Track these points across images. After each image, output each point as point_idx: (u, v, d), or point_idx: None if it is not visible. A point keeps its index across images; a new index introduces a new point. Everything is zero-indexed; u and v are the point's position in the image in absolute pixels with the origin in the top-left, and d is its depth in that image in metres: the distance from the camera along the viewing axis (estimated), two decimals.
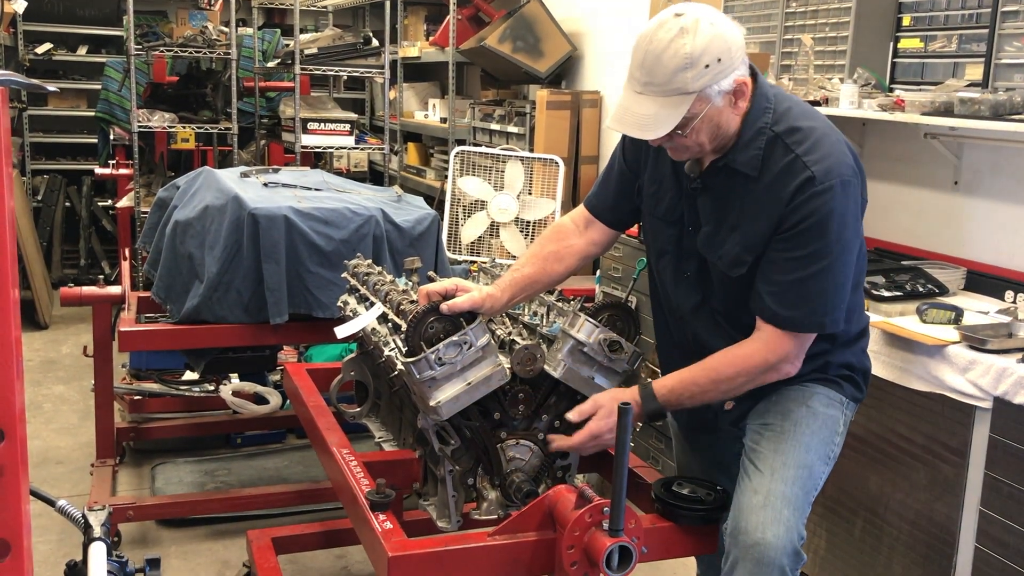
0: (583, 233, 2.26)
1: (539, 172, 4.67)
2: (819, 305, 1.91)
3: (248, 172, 3.81)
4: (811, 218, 1.86)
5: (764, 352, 1.95)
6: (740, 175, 1.95)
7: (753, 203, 1.93)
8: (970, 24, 3.05)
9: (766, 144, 1.92)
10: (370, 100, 8.33)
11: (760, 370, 1.97)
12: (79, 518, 1.82)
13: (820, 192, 1.85)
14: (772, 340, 1.94)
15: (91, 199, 7.32)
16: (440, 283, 2.11)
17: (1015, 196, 3.05)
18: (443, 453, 2.10)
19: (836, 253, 1.89)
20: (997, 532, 2.47)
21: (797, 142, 1.90)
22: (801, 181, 1.86)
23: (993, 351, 2.51)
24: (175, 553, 3.35)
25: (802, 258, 1.88)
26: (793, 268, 1.89)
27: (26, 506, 1.21)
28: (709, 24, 1.82)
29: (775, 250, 1.91)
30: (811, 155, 1.88)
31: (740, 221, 1.95)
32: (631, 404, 1.76)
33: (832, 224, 1.86)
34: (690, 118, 1.86)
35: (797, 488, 1.95)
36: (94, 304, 3.49)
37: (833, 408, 2.07)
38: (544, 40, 5.38)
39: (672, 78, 1.82)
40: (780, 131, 1.92)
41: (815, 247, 1.87)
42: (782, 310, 1.92)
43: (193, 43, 5.54)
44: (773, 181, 1.90)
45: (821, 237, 1.87)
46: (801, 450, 1.99)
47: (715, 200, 2.00)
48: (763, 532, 1.88)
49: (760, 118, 1.93)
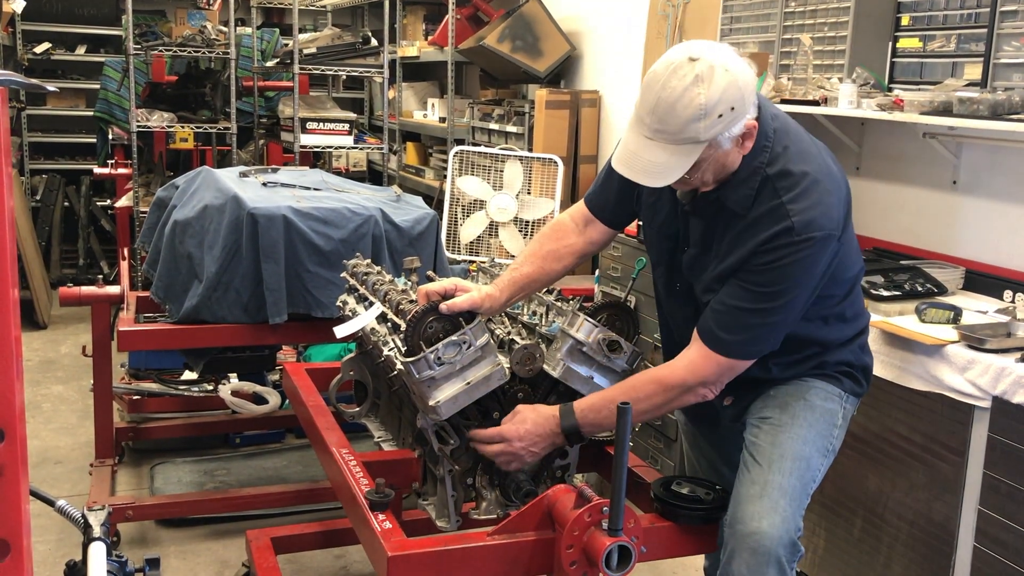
0: (582, 232, 2.27)
1: (538, 172, 4.67)
2: (754, 338, 1.94)
3: (247, 172, 3.81)
4: (778, 263, 1.87)
5: (684, 372, 1.98)
6: (728, 210, 1.95)
7: (735, 237, 1.94)
8: (969, 24, 3.05)
9: (759, 184, 1.91)
10: (369, 100, 8.33)
11: (678, 390, 1.99)
12: (78, 518, 1.82)
13: (795, 243, 1.86)
14: (697, 360, 1.97)
15: (90, 199, 7.31)
16: (439, 283, 2.11)
17: (1014, 196, 3.05)
18: (442, 453, 2.10)
19: (791, 299, 1.90)
20: (996, 531, 2.47)
21: (786, 188, 1.89)
22: (780, 229, 1.87)
23: (992, 351, 2.51)
24: (174, 553, 3.35)
25: (756, 292, 1.90)
26: (743, 297, 1.91)
27: (26, 506, 1.21)
28: (724, 71, 1.78)
29: (736, 276, 1.93)
30: (795, 204, 1.87)
31: (720, 251, 1.97)
32: (629, 404, 1.76)
33: (795, 273, 1.88)
34: (699, 163, 1.85)
35: (794, 479, 1.96)
36: (93, 304, 3.48)
37: (831, 401, 2.08)
38: (543, 40, 5.38)
39: (685, 128, 1.79)
40: (772, 173, 1.91)
41: (772, 289, 1.89)
42: (719, 331, 1.94)
43: (192, 43, 5.53)
44: (755, 221, 1.91)
45: (781, 281, 1.88)
46: (798, 442, 2.01)
47: (704, 226, 2.02)
48: (759, 522, 1.90)
49: (757, 157, 1.91)
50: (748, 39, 3.80)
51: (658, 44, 4.51)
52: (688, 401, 2.02)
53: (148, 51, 5.47)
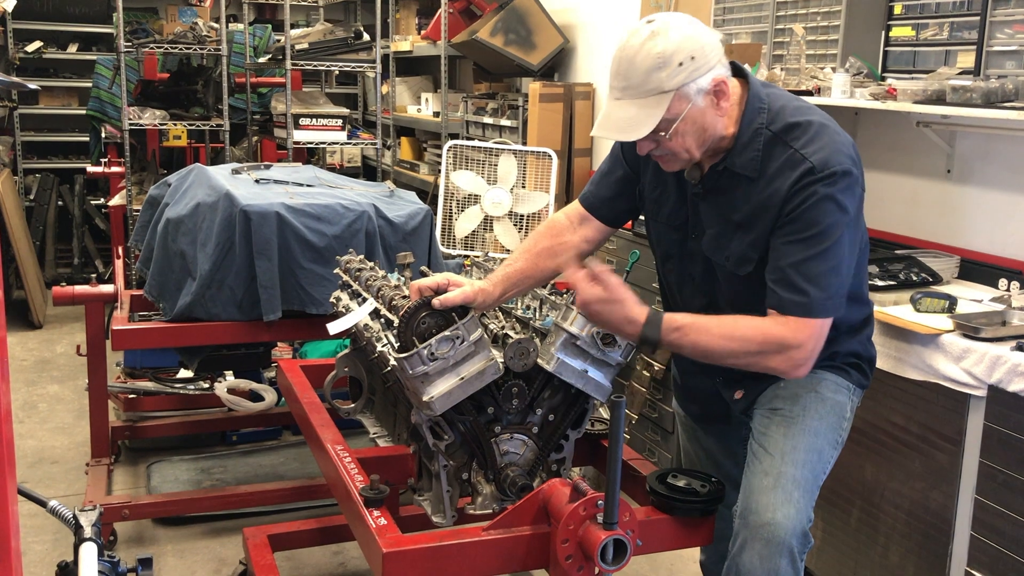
0: (577, 229, 2.26)
1: (532, 165, 4.66)
2: (824, 287, 1.90)
3: (240, 169, 3.79)
4: (808, 203, 1.88)
5: (785, 331, 1.90)
6: (741, 177, 1.96)
7: (756, 202, 1.94)
8: (961, 12, 3.04)
9: (764, 145, 1.94)
10: (362, 95, 8.31)
11: (775, 345, 1.90)
12: (70, 518, 1.82)
13: (819, 180, 1.87)
14: (789, 326, 1.90)
15: (83, 197, 7.30)
16: (432, 278, 2.10)
17: (1008, 184, 3.05)
18: (437, 448, 2.09)
19: (834, 238, 1.89)
20: (992, 520, 2.47)
21: (795, 138, 1.92)
22: (801, 172, 1.88)
23: (987, 339, 2.51)
24: (171, 551, 3.35)
25: (802, 240, 1.89)
26: (794, 251, 1.90)
27: (14, 507, 1.20)
28: (678, 26, 1.87)
29: (777, 238, 1.93)
30: (808, 147, 1.90)
31: (745, 221, 1.97)
32: (624, 399, 1.76)
33: (829, 209, 1.88)
34: (671, 119, 1.87)
35: (807, 471, 1.97)
36: (87, 303, 3.47)
37: (840, 394, 2.09)
38: (536, 33, 5.36)
39: (647, 79, 1.85)
40: (777, 130, 1.94)
41: (813, 231, 1.88)
42: (792, 295, 1.91)
43: (183, 39, 5.51)
44: (774, 177, 1.92)
45: (819, 222, 1.88)
46: (810, 435, 2.01)
47: (718, 204, 2.01)
48: (773, 513, 1.90)
49: (755, 119, 1.95)
50: (741, 29, 3.79)
51: None
52: (774, 363, 1.92)
53: (140, 49, 5.44)
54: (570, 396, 2.19)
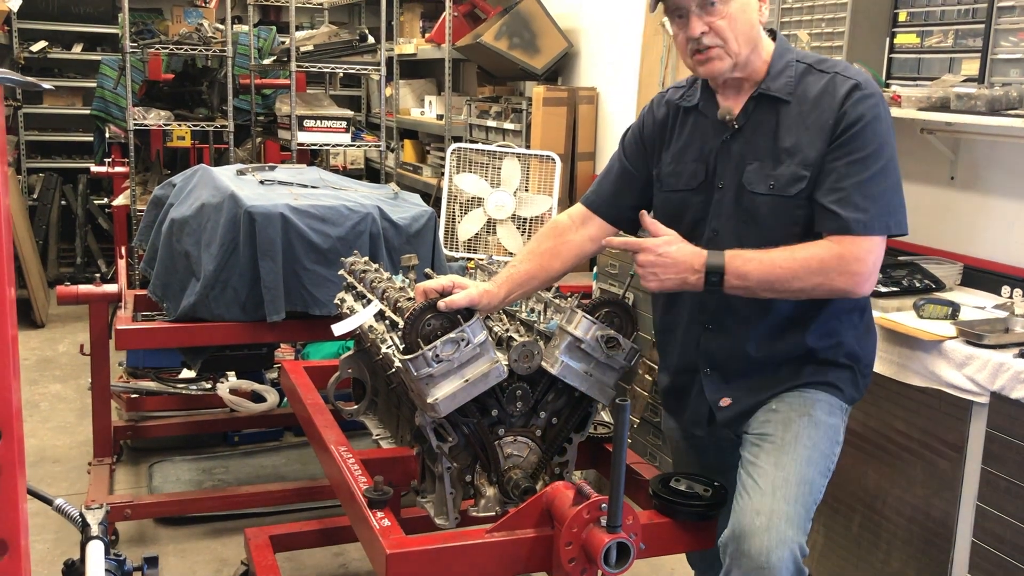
0: (580, 230, 2.26)
1: (536, 169, 4.67)
2: (884, 205, 1.94)
3: (244, 170, 3.80)
4: (863, 120, 1.94)
5: (840, 249, 1.91)
6: (779, 104, 2.02)
7: (800, 124, 1.99)
8: (966, 19, 3.05)
9: (798, 74, 2.02)
10: (366, 97, 8.32)
11: (836, 265, 1.90)
12: (76, 517, 1.82)
13: (867, 96, 1.95)
14: (846, 244, 1.91)
15: (87, 197, 7.31)
16: (437, 280, 2.11)
17: (1012, 191, 3.06)
18: (441, 450, 2.10)
19: (889, 155, 1.96)
20: (994, 527, 2.47)
21: (829, 67, 2.02)
22: (848, 88, 1.96)
23: (990, 346, 2.51)
24: (173, 551, 3.35)
25: (861, 159, 1.94)
26: (854, 171, 1.94)
27: (23, 505, 1.21)
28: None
29: (832, 159, 1.95)
30: (847, 72, 1.99)
31: (792, 145, 1.99)
32: (628, 402, 1.76)
33: (882, 127, 1.96)
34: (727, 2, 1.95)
35: (799, 506, 1.90)
36: (90, 302, 3.48)
37: (834, 416, 2.04)
38: (540, 36, 5.37)
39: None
40: (809, 62, 2.04)
41: (871, 149, 1.94)
42: (850, 213, 1.91)
43: (189, 40, 5.52)
44: (818, 98, 1.99)
45: (875, 139, 1.94)
46: (802, 464, 1.94)
47: (757, 135, 2.04)
48: (767, 557, 1.83)
49: (786, 54, 2.05)
50: None
51: (655, 41, 4.51)
52: (838, 284, 1.91)
53: (145, 49, 5.46)
54: (574, 399, 2.20)
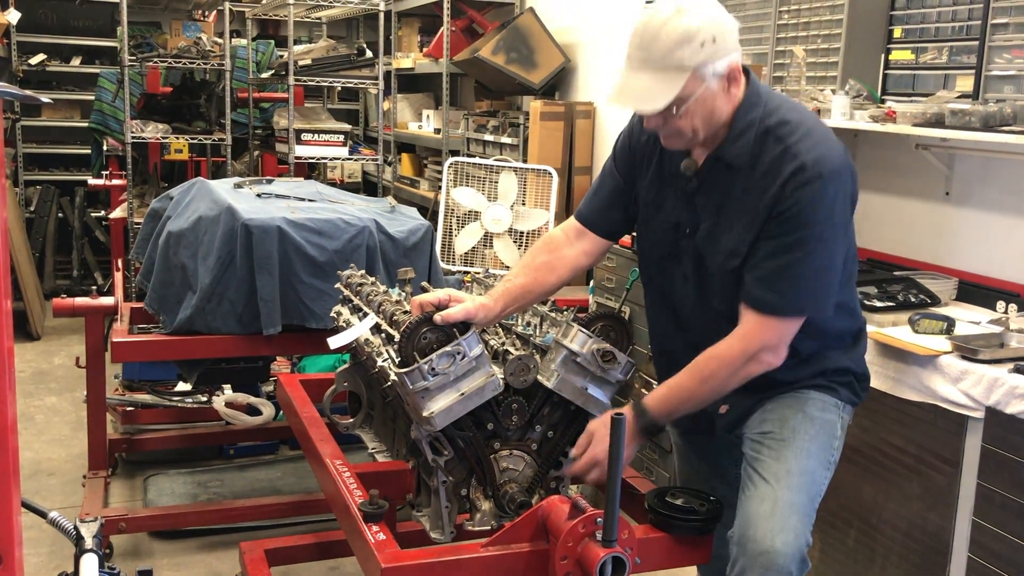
0: (574, 244, 2.26)
1: (533, 183, 4.68)
2: (801, 290, 1.93)
3: (242, 183, 3.81)
4: (798, 205, 1.89)
5: (744, 343, 1.97)
6: (734, 168, 1.98)
7: (747, 195, 1.96)
8: (961, 36, 3.07)
9: (756, 137, 1.95)
10: (364, 111, 8.34)
11: (742, 361, 1.97)
12: (71, 530, 1.81)
13: (809, 180, 1.88)
14: (752, 328, 1.96)
15: (84, 210, 7.31)
16: (433, 293, 2.11)
17: (1006, 207, 3.07)
18: (436, 464, 2.10)
19: (822, 241, 1.91)
20: (990, 542, 2.47)
21: (788, 133, 1.93)
22: (792, 170, 1.89)
23: (985, 361, 2.52)
24: (167, 565, 3.34)
25: (788, 244, 1.91)
26: (778, 253, 1.92)
27: (17, 518, 1.21)
28: (704, 7, 1.89)
29: (763, 237, 1.94)
30: (801, 144, 1.91)
31: (736, 214, 1.98)
32: (624, 415, 1.76)
33: (819, 212, 1.89)
34: (685, 97, 1.89)
35: (802, 495, 1.96)
36: (87, 315, 3.48)
37: (829, 412, 2.08)
38: (538, 51, 5.39)
39: (669, 52, 1.86)
40: (770, 124, 1.95)
41: (801, 234, 1.90)
42: (764, 293, 1.94)
43: (187, 54, 5.54)
44: (765, 172, 1.93)
45: (808, 225, 1.89)
46: (803, 456, 2.01)
47: (712, 197, 2.02)
48: (772, 540, 1.90)
49: (751, 112, 1.96)
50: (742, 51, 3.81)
51: None
52: (753, 371, 1.98)
53: (143, 62, 5.47)
54: (570, 413, 2.20)
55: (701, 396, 2.04)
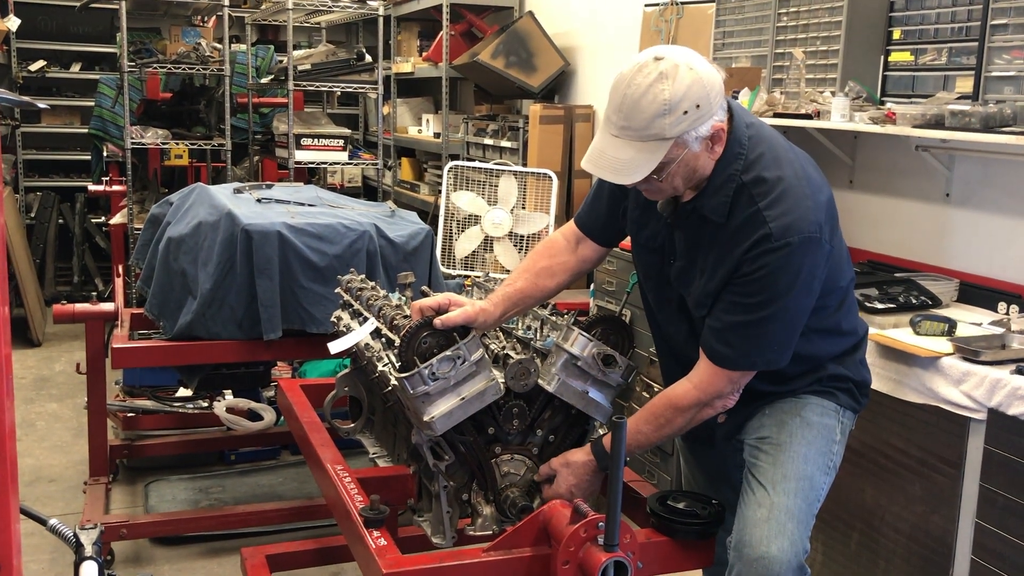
0: (574, 250, 2.27)
1: (533, 186, 4.67)
2: (755, 348, 1.94)
3: (242, 188, 3.81)
4: (762, 271, 1.87)
5: (697, 392, 1.99)
6: (708, 219, 1.95)
7: (718, 248, 1.94)
8: (960, 37, 3.07)
9: (734, 192, 1.91)
10: (364, 116, 8.34)
11: (696, 409, 2.01)
12: (70, 537, 1.81)
13: (775, 249, 1.85)
14: (705, 378, 1.98)
15: (84, 216, 7.31)
16: (433, 298, 2.11)
17: (1007, 208, 3.06)
18: (437, 469, 2.09)
19: (782, 305, 1.89)
20: (993, 544, 2.47)
21: (761, 194, 1.88)
22: (758, 236, 1.86)
23: (987, 363, 2.51)
24: (169, 571, 3.33)
25: (748, 305, 1.90)
26: (737, 311, 1.92)
27: (16, 525, 1.21)
28: (688, 69, 1.80)
29: (727, 291, 1.93)
30: (772, 210, 1.86)
31: (706, 264, 1.97)
32: (625, 419, 1.76)
33: (782, 279, 1.87)
34: (666, 163, 1.85)
35: (800, 500, 1.96)
36: (87, 321, 3.47)
37: (828, 417, 2.08)
38: (537, 55, 5.39)
39: (650, 124, 1.80)
40: (747, 180, 1.90)
41: (762, 297, 1.89)
42: (719, 346, 1.95)
43: (186, 60, 5.54)
44: (736, 231, 1.90)
45: (769, 289, 1.88)
46: (799, 461, 2.00)
47: (688, 238, 2.02)
48: (767, 546, 1.89)
49: (731, 164, 1.91)
50: (741, 53, 3.82)
51: None
52: (708, 415, 2.03)
53: (143, 68, 5.47)
54: (571, 417, 2.20)
55: (657, 440, 2.09)
